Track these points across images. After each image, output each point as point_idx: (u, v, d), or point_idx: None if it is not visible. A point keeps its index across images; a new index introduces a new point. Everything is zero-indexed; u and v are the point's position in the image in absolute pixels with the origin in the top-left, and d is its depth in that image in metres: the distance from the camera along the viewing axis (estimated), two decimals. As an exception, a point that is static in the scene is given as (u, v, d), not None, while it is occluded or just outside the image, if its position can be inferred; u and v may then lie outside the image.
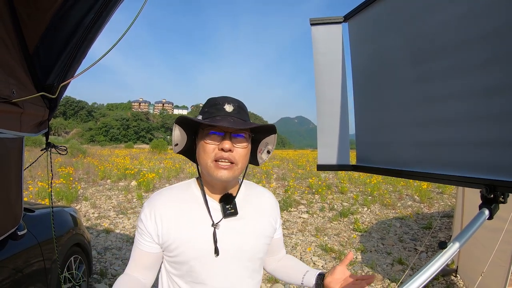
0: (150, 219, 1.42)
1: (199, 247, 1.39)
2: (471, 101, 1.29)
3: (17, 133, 2.01)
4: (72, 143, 32.51)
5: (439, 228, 8.16)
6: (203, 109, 1.43)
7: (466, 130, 1.33)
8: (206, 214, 1.44)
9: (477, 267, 4.21)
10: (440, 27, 1.41)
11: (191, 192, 1.50)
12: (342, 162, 2.17)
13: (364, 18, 1.94)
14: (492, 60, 1.19)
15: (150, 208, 1.44)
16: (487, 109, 1.22)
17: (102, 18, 1.92)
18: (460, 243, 1.13)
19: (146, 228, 1.42)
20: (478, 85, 1.25)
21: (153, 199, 1.47)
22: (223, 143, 1.34)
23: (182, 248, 1.39)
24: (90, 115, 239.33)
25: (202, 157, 1.38)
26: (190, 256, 1.40)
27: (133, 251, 1.50)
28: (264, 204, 1.63)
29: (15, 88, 1.82)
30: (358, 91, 2.09)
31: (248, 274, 1.51)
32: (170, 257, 1.44)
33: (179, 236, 1.40)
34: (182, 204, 1.46)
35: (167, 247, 1.42)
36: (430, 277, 1.06)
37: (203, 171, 1.43)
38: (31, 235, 3.13)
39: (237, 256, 1.46)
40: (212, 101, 1.42)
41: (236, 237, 1.46)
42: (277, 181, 15.92)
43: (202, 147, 1.38)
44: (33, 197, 10.53)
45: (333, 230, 8.23)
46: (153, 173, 15.68)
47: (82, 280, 4.19)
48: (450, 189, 12.90)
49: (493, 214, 1.21)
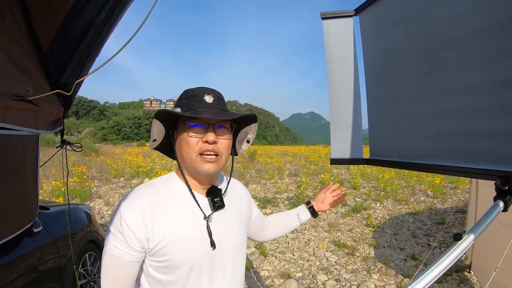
0: (135, 222, 1.26)
1: (194, 245, 1.34)
2: (484, 92, 1.29)
3: (33, 130, 2.04)
4: (85, 142, 32.83)
5: (452, 223, 8.10)
6: (180, 101, 1.38)
7: (479, 121, 1.32)
8: (196, 209, 1.38)
9: (491, 262, 4.17)
10: (451, 19, 1.41)
11: (174, 188, 1.41)
12: (356, 156, 2.17)
13: (375, 12, 1.94)
14: (504, 51, 1.18)
15: (132, 209, 1.28)
16: (500, 100, 1.22)
17: (114, 16, 1.93)
18: (475, 235, 1.13)
19: (132, 232, 1.25)
20: (491, 76, 1.24)
21: (133, 199, 1.32)
22: (207, 136, 1.31)
23: (176, 249, 1.29)
24: (102, 114, 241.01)
25: (186, 151, 1.34)
26: (186, 255, 1.31)
27: (111, 269, 1.31)
28: (239, 192, 1.66)
29: (30, 86, 1.84)
30: (370, 85, 2.08)
31: (240, 262, 1.53)
32: (160, 262, 1.31)
33: (171, 236, 1.29)
34: (168, 201, 1.35)
35: (157, 251, 1.28)
36: (445, 268, 1.06)
37: (187, 166, 1.38)
38: (46, 232, 3.16)
39: (230, 248, 1.46)
40: (190, 93, 1.38)
41: (227, 229, 1.46)
42: (289, 177, 15.92)
43: (185, 141, 1.33)
44: (47, 196, 10.65)
45: (346, 225, 8.21)
46: (166, 170, 15.75)
47: (97, 277, 4.23)
48: (464, 184, 12.80)
49: (508, 206, 1.21)
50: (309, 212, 2.00)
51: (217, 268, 1.41)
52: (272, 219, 1.97)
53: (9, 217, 2.19)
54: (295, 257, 6.25)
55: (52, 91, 1.95)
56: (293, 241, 7.07)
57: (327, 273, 5.55)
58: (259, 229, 1.87)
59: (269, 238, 1.97)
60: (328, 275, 5.48)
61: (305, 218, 2.00)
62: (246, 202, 1.67)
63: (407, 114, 1.78)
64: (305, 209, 2.01)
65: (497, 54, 1.21)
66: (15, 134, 2.02)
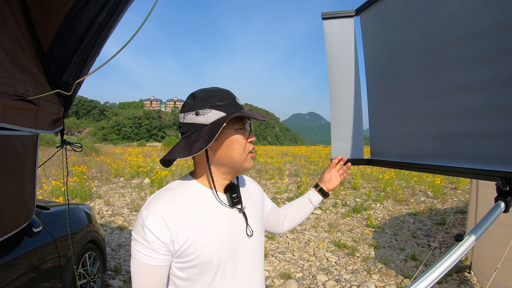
0: (157, 226, 1.27)
1: (218, 241, 1.36)
2: (485, 92, 1.28)
3: (33, 130, 2.04)
4: (85, 142, 32.80)
5: (452, 224, 8.10)
6: (212, 103, 1.35)
7: (481, 122, 1.32)
8: (216, 206, 1.41)
9: (491, 263, 4.17)
10: (452, 18, 1.41)
11: (193, 188, 1.42)
12: (356, 156, 2.17)
13: (376, 12, 1.94)
14: (506, 51, 1.18)
15: (153, 214, 1.30)
16: (502, 100, 1.22)
17: (114, 16, 1.93)
18: (476, 235, 1.13)
19: (155, 237, 1.27)
20: (493, 76, 1.24)
21: (153, 204, 1.34)
22: (251, 135, 1.43)
23: (202, 247, 1.31)
24: (102, 114, 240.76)
25: (237, 152, 1.38)
26: (212, 252, 1.33)
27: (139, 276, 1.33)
28: (251, 188, 1.68)
29: (31, 86, 1.84)
30: (371, 85, 2.08)
31: (260, 257, 1.57)
32: (186, 262, 1.32)
33: (196, 235, 1.31)
34: (188, 202, 1.37)
35: (183, 251, 1.30)
36: (447, 269, 1.06)
37: (233, 165, 1.41)
38: (46, 232, 3.16)
39: (250, 242, 1.49)
40: (222, 94, 1.38)
41: (252, 223, 1.50)
42: (289, 177, 15.91)
43: (236, 141, 1.38)
44: (47, 196, 10.64)
45: (346, 226, 8.21)
46: (166, 170, 15.74)
47: (96, 277, 4.23)
48: (464, 185, 12.80)
49: (509, 206, 1.21)
50: (320, 194, 2.06)
51: (240, 263, 1.44)
52: (287, 210, 2.02)
53: (6, 217, 2.19)
54: (295, 258, 6.25)
55: (52, 90, 1.95)
56: (293, 242, 7.07)
57: (327, 273, 5.55)
58: (276, 221, 1.91)
59: (286, 229, 2.01)
60: (328, 275, 5.47)
61: (317, 201, 2.05)
62: (259, 197, 1.70)
63: (408, 114, 1.77)
64: (315, 192, 2.06)
65: (500, 53, 1.21)
66: (15, 134, 2.01)
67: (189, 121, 1.36)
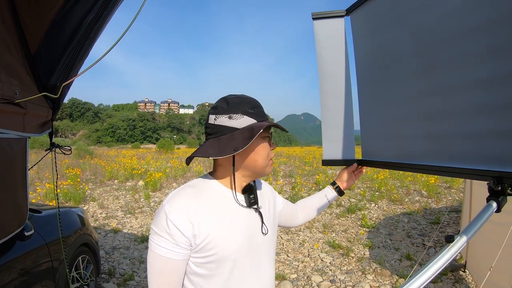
0: (181, 221, 1.30)
1: (237, 238, 1.41)
2: (477, 91, 1.28)
3: (21, 134, 2.02)
4: (79, 144, 32.71)
5: (447, 223, 8.12)
6: (244, 109, 1.40)
7: (473, 121, 1.31)
8: (235, 205, 1.46)
9: (486, 262, 4.18)
10: (445, 17, 1.40)
11: (213, 187, 1.47)
12: (348, 156, 2.17)
13: (366, 11, 1.93)
14: (497, 49, 1.17)
15: (177, 209, 1.32)
16: (493, 99, 1.21)
17: (103, 18, 1.92)
18: (467, 236, 1.12)
19: (179, 231, 1.29)
20: (484, 75, 1.24)
21: (177, 199, 1.37)
22: (273, 145, 1.54)
23: (222, 242, 1.36)
24: (96, 116, 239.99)
25: (263, 158, 1.46)
26: (231, 248, 1.38)
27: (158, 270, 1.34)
28: (264, 188, 1.75)
29: (18, 89, 1.82)
30: (362, 85, 2.08)
31: (273, 255, 1.65)
32: (205, 258, 1.36)
33: (217, 231, 1.36)
34: (210, 199, 1.41)
35: (204, 246, 1.33)
36: (438, 271, 1.05)
37: (256, 170, 1.48)
38: (38, 235, 3.14)
39: (268, 242, 1.57)
40: (252, 102, 1.45)
41: (266, 222, 1.57)
42: (284, 178, 15.91)
43: (263, 148, 1.46)
44: (41, 199, 10.60)
45: (341, 226, 8.21)
46: (160, 172, 15.71)
47: (90, 280, 4.21)
48: (458, 184, 12.85)
49: (501, 206, 1.20)
50: (336, 192, 2.14)
51: (255, 260, 1.50)
52: (303, 205, 2.09)
53: None
54: (290, 259, 6.24)
55: (40, 93, 1.93)
56: (287, 243, 7.06)
57: (321, 274, 5.55)
58: (290, 216, 1.98)
59: (301, 222, 2.08)
60: (323, 276, 5.47)
61: (332, 198, 2.13)
62: (272, 196, 1.77)
63: (399, 114, 1.77)
64: (331, 189, 2.14)
65: (490, 52, 1.20)
66: (3, 137, 1.99)
67: (221, 123, 1.40)
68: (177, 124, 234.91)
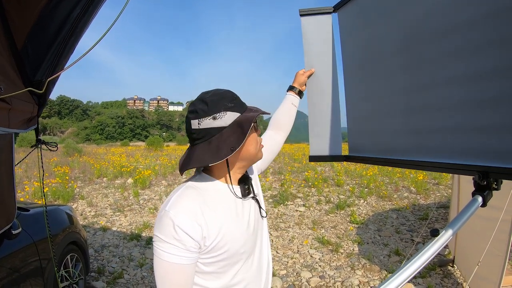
0: (189, 225, 1.27)
1: (243, 231, 1.43)
2: (462, 86, 1.28)
3: (6, 129, 1.99)
4: (67, 142, 32.41)
5: (435, 218, 8.18)
6: (225, 105, 1.37)
7: (458, 116, 1.32)
8: (234, 198, 1.46)
9: (474, 257, 4.21)
10: (431, 12, 1.41)
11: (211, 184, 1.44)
12: (334, 152, 2.17)
13: (354, 8, 1.94)
14: (482, 45, 1.18)
15: (183, 213, 1.28)
16: (478, 94, 1.22)
17: (88, 13, 1.91)
18: (453, 230, 1.13)
19: (188, 236, 1.26)
20: (469, 70, 1.24)
21: (180, 203, 1.32)
22: (258, 130, 1.51)
23: (232, 238, 1.36)
24: (85, 114, 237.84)
25: (254, 146, 1.45)
26: (241, 242, 1.40)
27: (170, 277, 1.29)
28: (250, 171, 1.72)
29: (3, 85, 1.80)
30: (349, 81, 2.09)
31: (267, 236, 1.69)
32: (216, 256, 1.35)
33: (225, 228, 1.35)
34: (211, 197, 1.39)
35: (215, 246, 1.32)
36: (423, 264, 1.05)
37: (249, 158, 1.47)
38: (26, 234, 3.11)
39: (265, 222, 1.65)
40: (229, 94, 1.42)
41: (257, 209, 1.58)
42: (273, 175, 15.91)
43: (253, 138, 1.44)
44: (29, 197, 10.51)
45: (330, 222, 8.24)
46: (149, 170, 15.64)
47: (79, 278, 4.18)
48: (446, 180, 12.94)
49: (486, 201, 1.21)
50: (299, 96, 2.14)
51: (258, 247, 1.55)
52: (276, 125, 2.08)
53: None
54: (279, 255, 6.25)
55: (25, 88, 1.91)
56: (277, 239, 7.07)
57: (311, 270, 5.56)
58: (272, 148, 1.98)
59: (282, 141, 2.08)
60: (312, 272, 5.49)
61: (298, 103, 2.13)
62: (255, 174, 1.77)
63: (386, 110, 1.78)
64: (295, 95, 2.13)
65: (476, 47, 1.21)
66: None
67: (207, 126, 1.36)
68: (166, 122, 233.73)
